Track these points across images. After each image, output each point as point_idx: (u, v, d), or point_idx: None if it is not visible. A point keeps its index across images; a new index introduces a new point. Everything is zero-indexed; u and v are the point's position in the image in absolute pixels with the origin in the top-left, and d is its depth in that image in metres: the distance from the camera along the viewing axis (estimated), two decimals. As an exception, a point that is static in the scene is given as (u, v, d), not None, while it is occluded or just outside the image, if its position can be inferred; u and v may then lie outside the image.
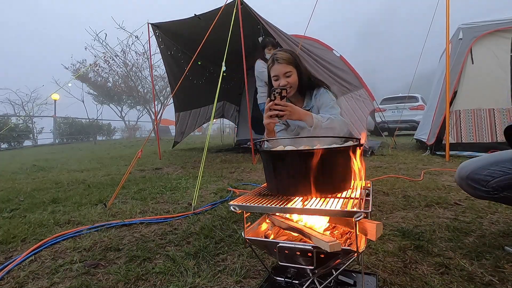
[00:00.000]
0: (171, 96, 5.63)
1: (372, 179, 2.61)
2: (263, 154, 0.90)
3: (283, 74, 1.43)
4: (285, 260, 0.74)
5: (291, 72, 1.43)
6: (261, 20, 4.18)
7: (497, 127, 3.96)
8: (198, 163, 4.28)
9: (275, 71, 1.44)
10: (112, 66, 17.72)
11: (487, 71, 3.99)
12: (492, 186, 1.17)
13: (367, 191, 0.88)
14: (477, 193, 1.21)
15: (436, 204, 1.78)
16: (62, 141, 17.28)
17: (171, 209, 1.94)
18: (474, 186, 1.21)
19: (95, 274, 1.10)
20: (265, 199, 0.83)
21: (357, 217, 0.65)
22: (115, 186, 2.48)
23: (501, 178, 1.16)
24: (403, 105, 8.55)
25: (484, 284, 0.93)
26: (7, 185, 3.06)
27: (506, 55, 3.99)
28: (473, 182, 1.21)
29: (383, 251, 1.17)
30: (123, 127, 24.07)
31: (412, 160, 3.78)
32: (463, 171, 1.27)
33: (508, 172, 1.16)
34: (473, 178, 1.21)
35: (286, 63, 1.42)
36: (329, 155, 0.79)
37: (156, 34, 5.23)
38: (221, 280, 1.03)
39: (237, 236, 1.38)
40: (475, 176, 1.21)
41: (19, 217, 1.86)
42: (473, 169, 1.23)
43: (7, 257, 1.29)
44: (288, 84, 1.42)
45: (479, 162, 1.25)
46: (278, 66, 1.43)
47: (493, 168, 1.19)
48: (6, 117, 16.00)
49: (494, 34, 4.03)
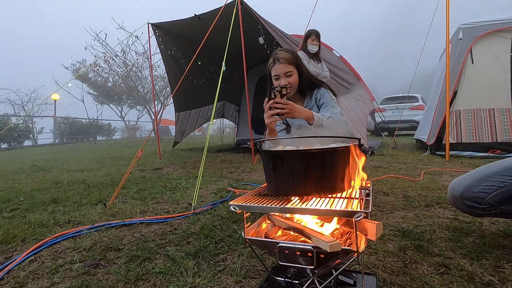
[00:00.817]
0: (171, 96, 5.63)
1: (372, 179, 2.61)
2: (263, 154, 0.90)
3: (284, 74, 1.43)
4: (285, 260, 0.74)
5: (292, 72, 1.43)
6: (261, 20, 4.18)
7: (497, 127, 3.96)
8: (198, 163, 4.28)
9: (276, 70, 1.44)
10: (112, 66, 17.76)
11: (487, 71, 3.99)
12: (488, 202, 1.16)
13: (367, 191, 0.88)
14: (474, 211, 1.21)
15: (436, 204, 1.78)
16: (62, 141, 17.28)
17: (171, 209, 1.94)
18: (470, 205, 1.21)
19: (95, 274, 1.10)
20: (265, 199, 0.83)
21: (357, 217, 0.65)
22: (115, 186, 2.48)
23: (495, 192, 1.16)
24: (403, 105, 8.55)
25: (484, 284, 0.93)
26: (7, 185, 3.06)
27: (506, 55, 3.99)
28: (468, 201, 1.21)
29: (383, 251, 1.17)
30: (123, 127, 24.07)
31: (412, 160, 3.78)
32: (455, 191, 1.26)
33: (500, 186, 1.16)
34: (468, 197, 1.21)
35: (287, 62, 1.43)
36: (329, 155, 0.79)
37: (156, 34, 5.23)
38: (221, 280, 1.03)
39: (237, 236, 1.38)
40: (469, 195, 1.20)
41: (19, 217, 1.86)
42: (465, 187, 1.23)
43: (7, 257, 1.29)
44: (288, 84, 1.42)
45: (469, 179, 1.24)
46: (279, 66, 1.43)
47: (484, 183, 1.19)
48: (6, 117, 16.00)
49: (494, 34, 4.02)
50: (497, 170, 1.20)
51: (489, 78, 3.96)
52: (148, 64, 15.40)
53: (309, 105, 1.49)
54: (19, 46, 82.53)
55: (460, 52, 4.14)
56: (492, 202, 1.16)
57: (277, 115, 1.20)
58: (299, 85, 1.48)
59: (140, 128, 25.55)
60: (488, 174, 1.21)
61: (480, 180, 1.21)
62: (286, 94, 1.20)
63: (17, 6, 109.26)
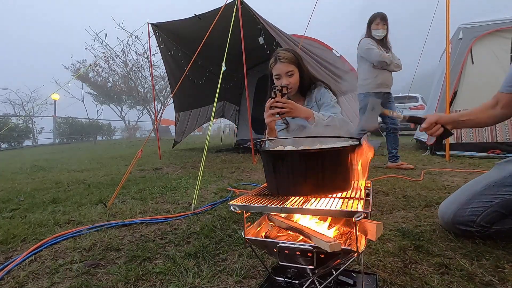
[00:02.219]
0: (171, 96, 5.62)
1: (372, 179, 2.61)
2: (263, 154, 0.90)
3: (285, 73, 1.43)
4: (285, 260, 0.73)
5: (293, 72, 1.43)
6: (261, 20, 4.18)
7: (497, 127, 3.96)
8: (198, 163, 4.28)
9: (277, 70, 1.44)
10: (112, 66, 17.76)
11: (487, 71, 3.99)
12: (479, 224, 1.17)
13: (367, 191, 0.88)
14: (468, 235, 1.22)
15: (436, 204, 1.78)
16: (62, 141, 17.29)
17: (171, 209, 1.94)
18: (463, 229, 1.21)
19: (95, 274, 1.10)
20: (265, 199, 0.83)
21: (357, 217, 0.65)
22: (115, 186, 2.48)
23: (483, 214, 1.16)
24: (403, 105, 8.55)
25: (484, 284, 0.93)
26: (7, 185, 3.06)
27: (506, 55, 3.99)
28: (460, 225, 1.21)
29: (383, 251, 1.17)
30: (123, 127, 24.09)
31: (412, 160, 3.78)
32: (446, 216, 1.27)
33: (487, 206, 1.16)
34: (459, 222, 1.21)
35: (289, 62, 1.43)
36: (329, 155, 0.79)
37: (156, 34, 5.23)
38: (221, 280, 1.03)
39: (237, 236, 1.38)
40: (459, 219, 1.21)
41: (19, 217, 1.86)
42: (454, 212, 1.23)
43: (7, 257, 1.29)
44: (290, 83, 1.42)
45: (457, 203, 1.25)
46: (280, 65, 1.43)
47: (471, 205, 1.19)
48: (6, 117, 16.01)
49: (494, 34, 4.02)
50: (480, 190, 1.21)
51: (489, 78, 3.95)
52: (148, 64, 15.40)
53: (309, 105, 1.49)
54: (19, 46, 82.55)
55: (460, 52, 4.14)
56: (483, 224, 1.17)
57: (278, 114, 1.21)
58: (300, 85, 1.48)
59: (140, 128, 25.57)
60: (472, 194, 1.22)
61: (467, 203, 1.21)
62: (286, 93, 1.20)
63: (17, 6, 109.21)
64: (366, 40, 3.13)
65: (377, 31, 3.11)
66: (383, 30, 3.11)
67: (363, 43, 3.15)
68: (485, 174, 1.29)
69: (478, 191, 1.22)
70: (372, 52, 3.05)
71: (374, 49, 3.06)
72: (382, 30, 3.10)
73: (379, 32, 3.10)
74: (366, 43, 3.11)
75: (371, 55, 3.08)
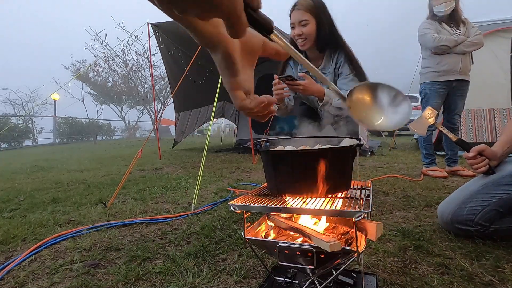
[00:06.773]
0: (171, 96, 5.62)
1: (372, 179, 2.61)
2: (263, 154, 0.90)
3: (299, 23, 1.26)
4: (285, 260, 0.73)
5: (308, 21, 1.25)
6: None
7: (497, 127, 3.96)
8: (198, 163, 4.28)
9: (292, 17, 1.29)
10: (112, 66, 17.77)
11: (487, 71, 3.99)
12: (478, 223, 1.17)
13: (367, 191, 0.88)
14: (468, 234, 1.22)
15: (436, 204, 1.78)
16: (62, 141, 17.29)
17: (171, 209, 1.94)
18: (463, 228, 1.22)
19: (95, 274, 1.10)
20: (265, 199, 0.83)
21: (357, 217, 0.65)
22: (115, 186, 2.48)
23: (481, 212, 1.17)
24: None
25: (484, 284, 0.93)
26: (7, 185, 3.06)
27: (506, 55, 3.99)
28: (459, 224, 1.22)
29: (383, 251, 1.17)
30: (123, 127, 24.10)
31: (412, 160, 3.78)
32: (445, 216, 1.27)
33: (484, 205, 1.17)
34: (458, 221, 1.22)
35: (304, 9, 1.25)
36: (329, 155, 0.79)
37: (156, 34, 5.22)
38: (221, 280, 1.03)
39: (237, 236, 1.38)
40: (458, 219, 1.22)
41: (19, 217, 1.86)
42: (453, 211, 1.24)
43: (7, 257, 1.29)
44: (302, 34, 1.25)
45: (455, 203, 1.26)
46: (296, 13, 1.26)
47: (469, 205, 1.20)
48: (6, 117, 16.01)
49: (494, 34, 4.02)
50: (477, 189, 1.22)
51: (489, 78, 3.96)
52: (148, 64, 15.41)
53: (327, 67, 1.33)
54: (19, 46, 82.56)
55: (460, 52, 4.14)
56: (481, 223, 1.17)
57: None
58: (317, 39, 1.29)
59: (140, 128, 25.59)
60: (470, 194, 1.23)
61: (464, 202, 1.22)
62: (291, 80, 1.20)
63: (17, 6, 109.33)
64: (421, 25, 2.69)
65: (439, 8, 2.55)
66: (446, 4, 2.51)
67: (419, 29, 2.71)
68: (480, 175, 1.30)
69: (475, 190, 1.22)
70: (426, 38, 2.62)
71: (427, 34, 2.61)
72: (445, 4, 2.52)
73: (440, 8, 2.54)
74: (421, 28, 2.67)
75: (426, 42, 2.65)
